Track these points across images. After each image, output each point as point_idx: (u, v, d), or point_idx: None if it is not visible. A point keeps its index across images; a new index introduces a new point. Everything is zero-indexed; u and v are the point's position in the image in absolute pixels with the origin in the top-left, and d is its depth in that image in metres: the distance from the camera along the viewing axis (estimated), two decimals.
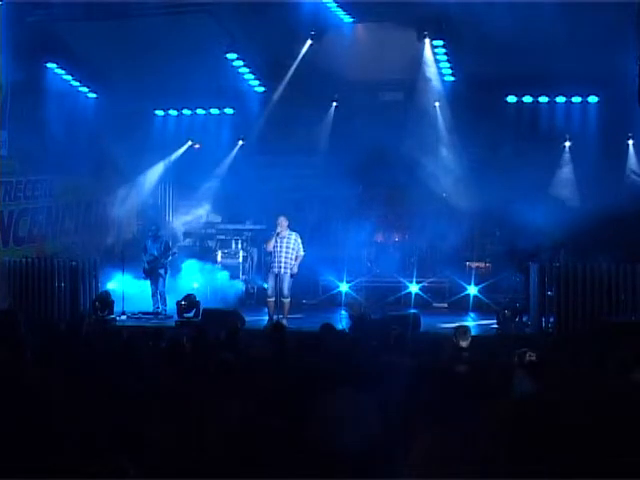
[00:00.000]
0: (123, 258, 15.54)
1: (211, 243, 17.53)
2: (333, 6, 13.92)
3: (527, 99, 16.39)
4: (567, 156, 16.87)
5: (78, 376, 6.26)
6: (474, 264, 16.43)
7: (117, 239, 17.85)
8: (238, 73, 15.66)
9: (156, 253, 14.74)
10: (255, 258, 16.84)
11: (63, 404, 5.54)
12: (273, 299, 13.36)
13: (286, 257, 13.30)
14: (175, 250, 15.41)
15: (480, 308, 15.34)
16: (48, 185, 15.55)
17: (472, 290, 15.75)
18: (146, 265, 14.75)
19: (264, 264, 14.59)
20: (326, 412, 5.33)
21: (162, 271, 14.74)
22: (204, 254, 17.06)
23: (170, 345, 7.89)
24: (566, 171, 16.75)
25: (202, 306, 13.71)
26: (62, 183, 15.85)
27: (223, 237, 17.24)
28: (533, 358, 7.40)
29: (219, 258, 16.77)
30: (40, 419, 5.32)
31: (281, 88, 16.11)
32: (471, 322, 14.14)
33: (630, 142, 16.59)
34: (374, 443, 4.92)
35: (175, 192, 18.70)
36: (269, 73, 16.10)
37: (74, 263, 13.96)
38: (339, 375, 5.98)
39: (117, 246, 17.56)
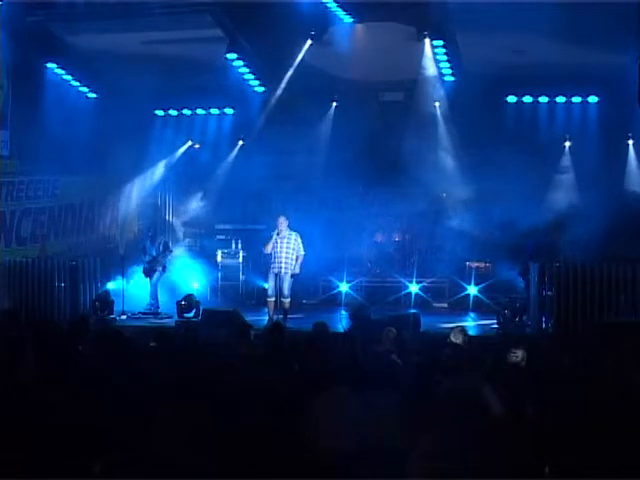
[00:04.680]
0: (123, 258, 15.58)
1: (211, 243, 17.53)
2: (333, 6, 13.91)
3: (527, 99, 16.39)
4: (567, 156, 16.87)
5: (78, 376, 6.27)
6: (474, 264, 16.42)
7: (119, 239, 17.86)
8: (238, 73, 15.65)
9: (154, 253, 14.85)
10: (255, 258, 16.81)
11: (63, 404, 5.54)
12: (273, 299, 13.36)
13: (286, 257, 13.30)
14: (172, 249, 15.49)
15: (480, 308, 15.34)
16: (50, 185, 15.54)
17: (472, 290, 15.75)
18: (146, 265, 14.85)
19: (264, 264, 14.57)
20: (320, 412, 5.33)
21: (160, 268, 14.85)
22: (204, 254, 17.07)
23: (164, 345, 7.91)
24: (566, 171, 16.76)
25: (202, 306, 13.76)
26: (64, 183, 15.85)
27: (223, 237, 17.24)
28: (517, 358, 7.33)
29: (219, 258, 16.76)
30: (41, 419, 5.32)
31: (281, 88, 16.11)
32: (471, 322, 14.15)
33: (630, 142, 16.58)
34: (369, 443, 4.92)
35: (175, 192, 18.69)
36: (269, 73, 16.09)
37: (74, 263, 13.98)
38: (333, 375, 5.97)
39: (118, 246, 17.57)
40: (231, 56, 14.93)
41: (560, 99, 16.38)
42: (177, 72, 15.27)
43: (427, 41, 14.76)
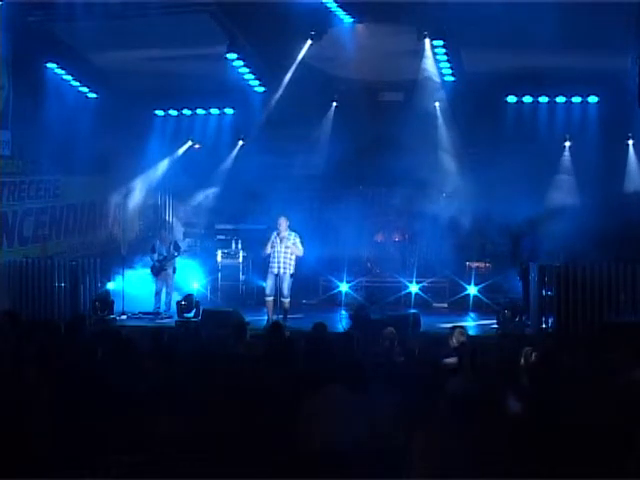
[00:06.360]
0: (124, 258, 15.60)
1: (211, 243, 17.52)
2: (333, 6, 13.90)
3: (527, 99, 16.39)
4: (567, 156, 16.87)
5: (78, 376, 6.27)
6: (474, 264, 16.42)
7: (121, 239, 17.85)
8: (238, 73, 15.65)
9: (165, 252, 14.97)
10: (255, 258, 16.80)
11: (62, 404, 5.55)
12: (272, 298, 13.36)
13: (285, 257, 13.30)
14: (185, 248, 15.59)
15: (480, 308, 15.35)
16: (51, 185, 15.54)
17: (472, 290, 15.76)
18: (156, 264, 14.92)
19: (264, 264, 14.56)
20: (312, 411, 5.33)
21: (171, 270, 14.95)
22: (204, 254, 17.07)
23: (166, 345, 7.93)
24: (566, 171, 16.77)
25: (202, 306, 13.77)
26: (65, 183, 15.85)
27: (223, 237, 17.25)
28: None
29: (219, 258, 16.77)
30: (40, 419, 5.32)
31: (281, 88, 16.10)
32: (471, 322, 14.16)
33: (630, 142, 16.59)
34: (366, 442, 4.91)
35: (175, 192, 18.70)
36: (269, 73, 16.09)
37: (74, 263, 13.99)
38: (330, 374, 5.98)
39: (120, 245, 17.57)
40: (231, 56, 14.92)
41: (560, 99, 16.38)
42: (177, 72, 15.31)
43: (427, 41, 14.75)
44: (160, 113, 17.78)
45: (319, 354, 7.66)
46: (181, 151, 18.08)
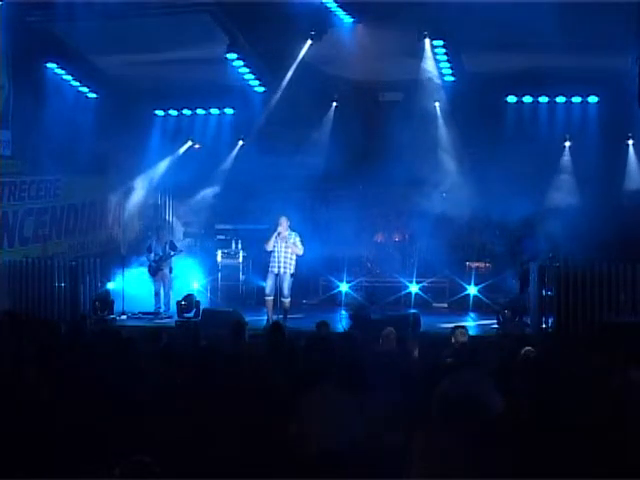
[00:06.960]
0: (124, 258, 15.61)
1: (211, 243, 17.53)
2: (333, 6, 13.91)
3: (527, 99, 16.39)
4: (567, 156, 16.87)
5: (78, 376, 6.27)
6: (474, 264, 16.43)
7: (121, 239, 17.86)
8: (238, 73, 15.66)
9: (161, 252, 14.97)
10: (255, 258, 16.81)
11: (62, 404, 5.55)
12: (271, 297, 13.38)
13: (285, 257, 13.32)
14: (181, 248, 15.60)
15: (480, 308, 15.35)
16: (52, 185, 15.55)
17: (472, 290, 15.76)
18: (153, 264, 14.93)
19: (264, 264, 14.57)
20: (315, 411, 5.33)
21: (167, 270, 14.94)
22: (204, 254, 17.07)
23: (166, 345, 7.94)
24: (566, 171, 16.77)
25: (202, 306, 13.77)
26: (65, 183, 15.85)
27: (223, 237, 17.25)
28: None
29: (219, 258, 16.77)
30: (40, 419, 5.33)
31: (281, 88, 16.10)
32: (471, 322, 14.16)
33: (630, 142, 16.59)
34: (364, 443, 4.91)
35: (175, 192, 18.69)
36: (269, 73, 16.09)
37: (74, 263, 14.00)
38: (330, 374, 5.98)
39: (120, 245, 17.58)
40: (231, 56, 14.92)
41: (560, 99, 16.37)
42: (177, 72, 15.32)
43: (427, 41, 14.75)
44: (160, 113, 17.78)
45: (319, 354, 7.66)
46: (181, 151, 18.07)
